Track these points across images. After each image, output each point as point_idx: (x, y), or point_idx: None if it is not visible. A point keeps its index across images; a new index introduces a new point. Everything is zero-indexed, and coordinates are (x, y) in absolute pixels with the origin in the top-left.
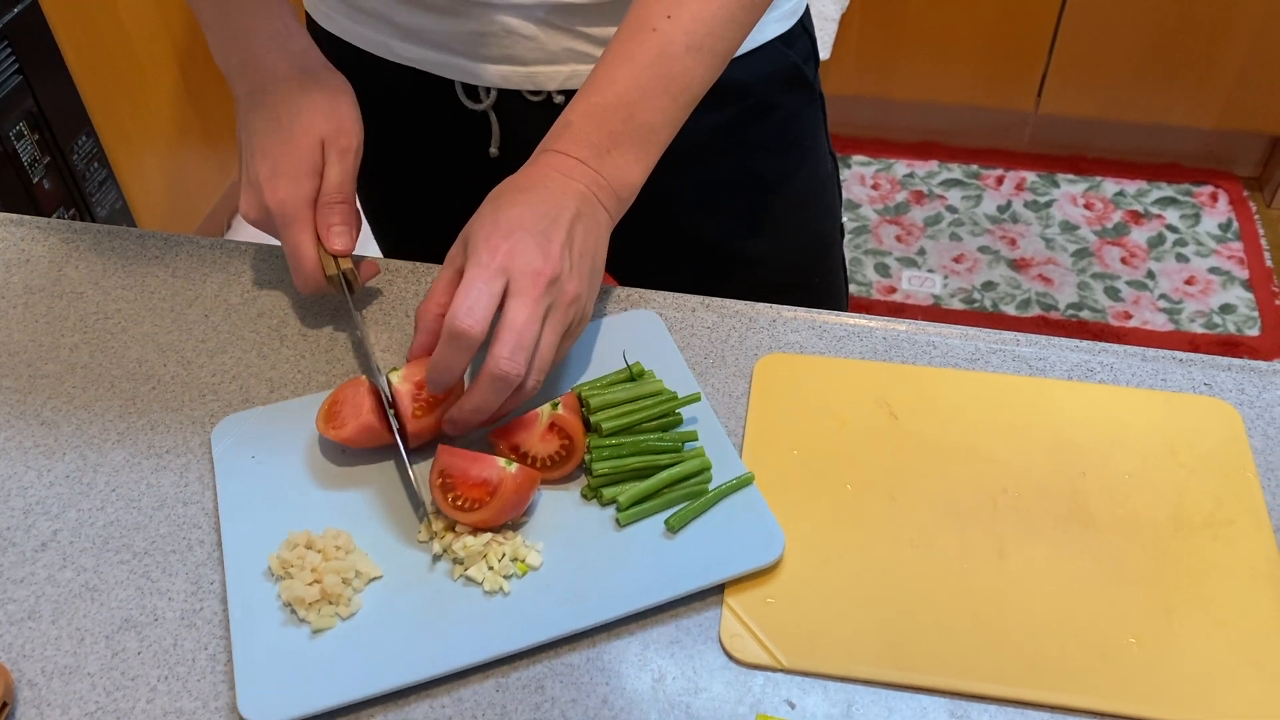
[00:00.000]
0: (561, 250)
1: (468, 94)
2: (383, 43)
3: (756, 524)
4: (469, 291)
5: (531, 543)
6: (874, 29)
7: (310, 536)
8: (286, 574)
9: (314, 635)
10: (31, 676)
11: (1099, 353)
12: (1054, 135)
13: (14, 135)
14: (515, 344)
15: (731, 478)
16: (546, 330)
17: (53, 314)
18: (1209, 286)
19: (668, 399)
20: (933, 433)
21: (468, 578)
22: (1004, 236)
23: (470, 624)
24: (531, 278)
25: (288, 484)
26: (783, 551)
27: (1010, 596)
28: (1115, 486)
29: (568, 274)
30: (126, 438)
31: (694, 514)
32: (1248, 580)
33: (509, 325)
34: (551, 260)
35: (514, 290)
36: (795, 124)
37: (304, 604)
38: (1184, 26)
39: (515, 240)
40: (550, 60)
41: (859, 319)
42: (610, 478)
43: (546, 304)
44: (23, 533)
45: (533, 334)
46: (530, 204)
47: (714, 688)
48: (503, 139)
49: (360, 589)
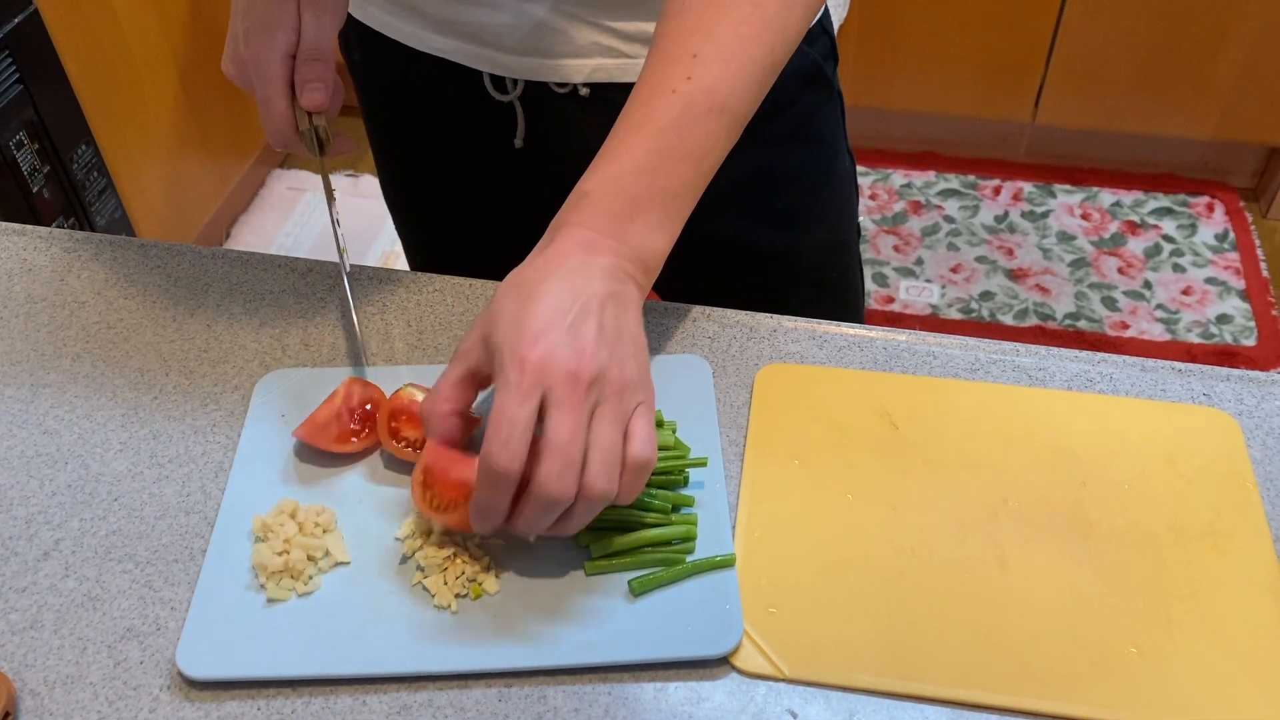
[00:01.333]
0: (595, 343)
1: (495, 85)
2: (413, 33)
3: (720, 610)
4: (501, 424)
5: (496, 568)
6: (872, 39)
7: (296, 506)
8: (264, 538)
9: (268, 605)
10: (34, 686)
11: (1098, 363)
12: (1051, 146)
13: (14, 144)
14: (562, 463)
15: (716, 554)
16: (600, 431)
17: (55, 323)
18: (1206, 297)
19: (675, 456)
20: (933, 442)
21: (424, 586)
22: (1001, 246)
23: (413, 633)
24: (570, 384)
25: (302, 449)
26: (736, 645)
27: (1011, 606)
28: (1115, 496)
29: (607, 364)
30: (129, 447)
31: (661, 582)
32: (1247, 590)
33: (551, 444)
34: (586, 359)
35: (553, 401)
36: (814, 120)
37: (266, 571)
38: (1180, 38)
39: (543, 346)
40: (577, 54)
41: (859, 329)
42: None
43: (590, 407)
44: (25, 542)
45: (578, 448)
46: (552, 295)
47: (716, 697)
48: (528, 131)
49: (325, 570)
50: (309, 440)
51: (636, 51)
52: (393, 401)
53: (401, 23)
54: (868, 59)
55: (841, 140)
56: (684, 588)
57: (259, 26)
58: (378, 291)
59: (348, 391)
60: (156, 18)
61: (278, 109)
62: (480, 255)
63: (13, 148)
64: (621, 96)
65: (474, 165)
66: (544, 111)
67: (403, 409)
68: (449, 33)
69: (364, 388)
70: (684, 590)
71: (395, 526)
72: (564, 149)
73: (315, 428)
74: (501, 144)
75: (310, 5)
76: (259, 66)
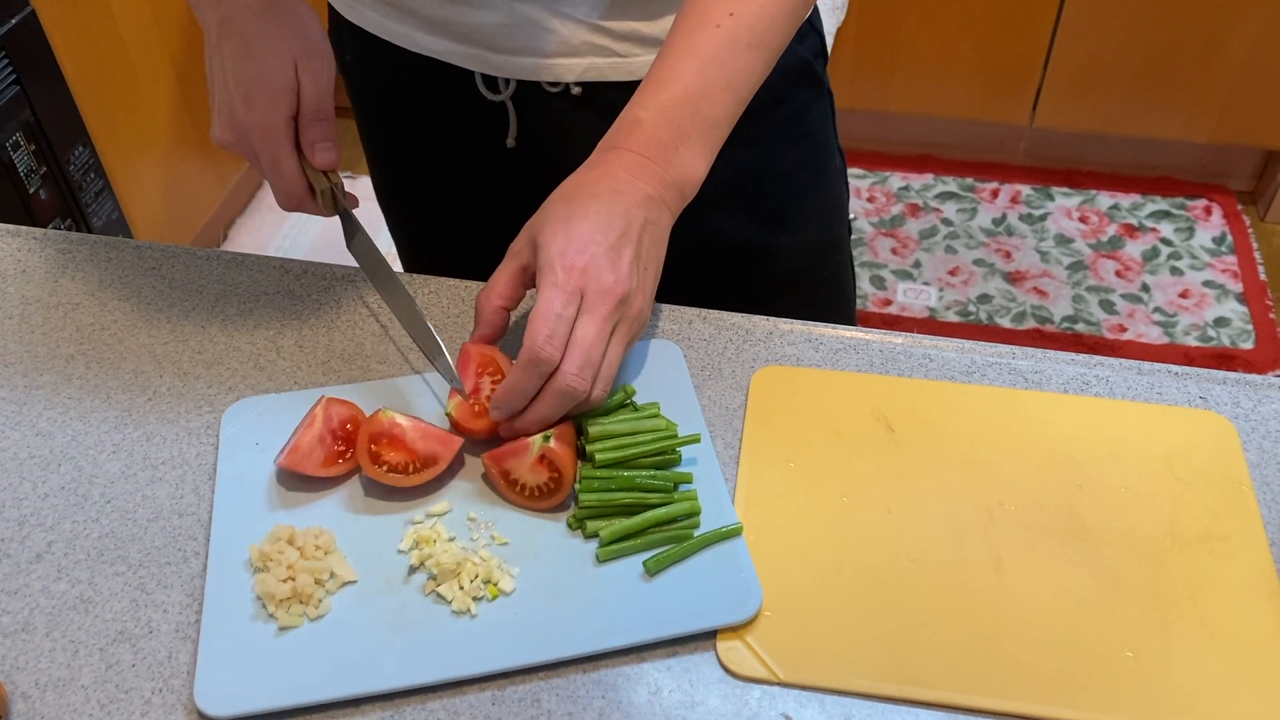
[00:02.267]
0: (630, 266)
1: (487, 85)
2: (405, 33)
3: (736, 578)
4: (548, 317)
5: (507, 566)
6: (870, 42)
7: (293, 532)
8: (264, 567)
9: (280, 633)
10: (25, 689)
11: (1095, 366)
12: (1049, 149)
13: (10, 146)
14: (584, 360)
15: (721, 525)
16: (613, 345)
17: (49, 325)
18: (1203, 300)
19: (667, 436)
20: (929, 445)
21: (439, 594)
22: (999, 249)
23: (433, 643)
24: (602, 296)
25: (284, 475)
26: (759, 609)
27: (1007, 610)
28: (1111, 500)
29: (635, 290)
30: (122, 449)
31: (674, 559)
32: (1243, 594)
33: (578, 342)
34: (621, 279)
35: (585, 307)
36: (804, 118)
37: (275, 600)
38: (1178, 41)
39: (587, 256)
40: (570, 53)
41: (856, 332)
42: (597, 510)
43: (614, 321)
44: (17, 544)
45: (600, 350)
46: (601, 214)
47: (710, 701)
48: (520, 130)
49: (333, 591)
50: (294, 469)
51: (629, 50)
52: (372, 424)
53: (393, 23)
54: (866, 61)
55: (832, 138)
56: (696, 562)
57: (259, 92)
58: (371, 293)
59: (326, 413)
60: (154, 19)
61: (290, 171)
62: (473, 256)
63: (9, 149)
64: (614, 95)
65: (466, 165)
66: (536, 111)
67: (383, 432)
68: (441, 33)
69: (342, 406)
70: (696, 565)
71: (394, 540)
72: (556, 148)
73: (300, 455)
74: (494, 144)
75: (307, 66)
76: (264, 131)
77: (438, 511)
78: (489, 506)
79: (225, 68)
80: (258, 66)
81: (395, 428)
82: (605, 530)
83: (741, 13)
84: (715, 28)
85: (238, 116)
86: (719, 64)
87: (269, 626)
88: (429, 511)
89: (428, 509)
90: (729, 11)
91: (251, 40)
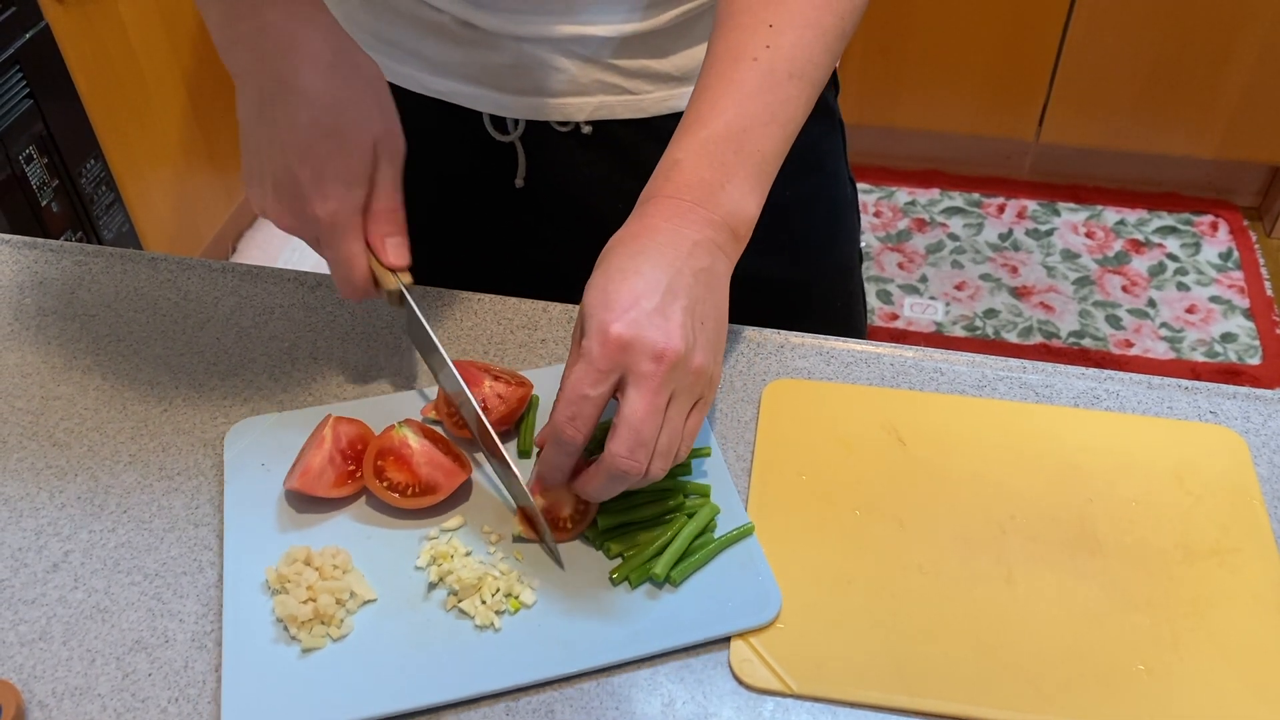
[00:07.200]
0: (683, 324)
1: (495, 126)
2: (410, 75)
3: (754, 581)
4: (573, 399)
5: (527, 579)
6: (876, 58)
7: (309, 552)
8: (283, 589)
9: (303, 654)
10: (42, 698)
11: (1105, 380)
12: (1055, 164)
13: (23, 158)
14: (634, 441)
15: (732, 527)
16: (672, 415)
17: (65, 336)
18: (1210, 315)
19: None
20: (940, 459)
21: (460, 610)
22: (1005, 264)
23: (458, 658)
24: (652, 363)
25: (294, 495)
26: (779, 612)
27: (1018, 623)
28: (1122, 513)
29: (691, 349)
30: (138, 459)
31: (695, 567)
32: (1254, 608)
33: (626, 420)
34: (673, 340)
35: (633, 379)
36: (817, 150)
37: (296, 622)
38: (1184, 57)
39: (629, 321)
40: (580, 92)
41: (866, 345)
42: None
43: (670, 390)
44: (34, 553)
45: (653, 427)
46: (643, 272)
47: (724, 713)
48: (529, 170)
49: (354, 610)
50: (305, 491)
51: (640, 88)
52: (382, 440)
53: (399, 65)
54: (872, 77)
55: (843, 168)
56: (714, 568)
57: (334, 179)
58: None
59: (335, 433)
60: (165, 34)
61: (361, 267)
62: None
63: (22, 161)
64: (625, 133)
65: (474, 206)
66: (545, 151)
67: (391, 449)
68: (448, 74)
69: (350, 425)
70: (715, 570)
71: (410, 556)
72: (566, 188)
73: (311, 477)
74: (502, 184)
75: (386, 150)
76: (337, 221)
77: (451, 526)
78: (502, 521)
79: (281, 137)
80: (332, 145)
81: (405, 447)
82: (623, 567)
83: (779, 44)
84: (753, 61)
85: (309, 207)
86: (760, 97)
87: (292, 649)
88: (443, 527)
89: (442, 525)
90: (765, 44)
91: (320, 108)
